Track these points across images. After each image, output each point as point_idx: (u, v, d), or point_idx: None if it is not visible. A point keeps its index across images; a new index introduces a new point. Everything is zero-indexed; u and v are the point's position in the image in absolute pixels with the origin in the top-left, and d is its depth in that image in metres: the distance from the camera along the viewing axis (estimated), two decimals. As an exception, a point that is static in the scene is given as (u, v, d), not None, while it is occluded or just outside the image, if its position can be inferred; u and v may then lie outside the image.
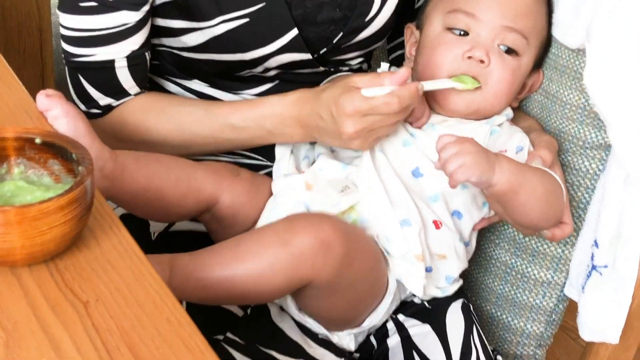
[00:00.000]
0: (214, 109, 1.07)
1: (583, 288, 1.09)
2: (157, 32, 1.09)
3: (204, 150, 1.09)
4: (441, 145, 0.94)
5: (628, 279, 1.04)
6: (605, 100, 1.02)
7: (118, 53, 1.05)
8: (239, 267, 0.91)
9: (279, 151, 1.11)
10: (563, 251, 1.14)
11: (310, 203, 1.01)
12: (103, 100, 1.07)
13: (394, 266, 1.01)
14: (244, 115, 1.06)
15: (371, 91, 0.97)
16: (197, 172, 1.03)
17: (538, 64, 1.12)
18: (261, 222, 1.04)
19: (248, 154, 1.15)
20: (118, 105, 1.08)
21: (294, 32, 1.06)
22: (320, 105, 1.00)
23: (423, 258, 1.00)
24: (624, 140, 1.02)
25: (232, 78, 1.12)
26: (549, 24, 1.11)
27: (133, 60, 1.06)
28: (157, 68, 1.15)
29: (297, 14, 1.06)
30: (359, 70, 1.21)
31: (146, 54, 1.08)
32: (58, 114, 0.88)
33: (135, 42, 1.05)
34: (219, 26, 1.04)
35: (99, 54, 1.04)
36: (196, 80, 1.14)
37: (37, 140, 0.76)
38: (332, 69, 1.16)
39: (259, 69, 1.09)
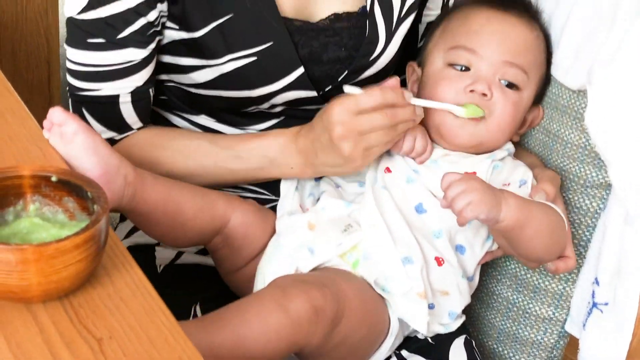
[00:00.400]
0: (218, 140, 1.09)
1: (584, 325, 1.10)
2: (166, 68, 1.11)
3: (207, 182, 1.11)
4: (447, 184, 0.95)
5: (628, 317, 1.05)
6: (606, 141, 1.04)
7: (123, 89, 1.06)
8: (246, 332, 0.89)
9: (284, 187, 1.13)
10: (564, 288, 1.15)
11: (313, 244, 1.02)
12: (105, 133, 1.09)
13: (396, 305, 1.02)
14: (247, 145, 1.08)
15: (353, 88, 0.99)
16: (209, 192, 1.05)
17: (538, 99, 1.14)
18: (264, 262, 1.05)
19: (253, 188, 1.17)
20: (120, 139, 1.10)
21: (300, 70, 1.08)
22: (314, 122, 1.02)
23: (425, 295, 1.01)
24: (624, 180, 1.04)
25: (238, 114, 1.14)
26: (548, 61, 1.13)
27: (137, 96, 1.08)
28: (164, 103, 1.17)
29: (303, 53, 1.08)
30: None
31: (150, 90, 1.10)
32: (75, 129, 0.89)
33: (140, 78, 1.07)
34: (227, 64, 1.06)
35: (104, 89, 1.06)
36: (203, 115, 1.16)
37: (53, 178, 0.77)
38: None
39: (265, 105, 1.11)
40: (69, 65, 1.06)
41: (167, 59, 1.10)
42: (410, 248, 1.02)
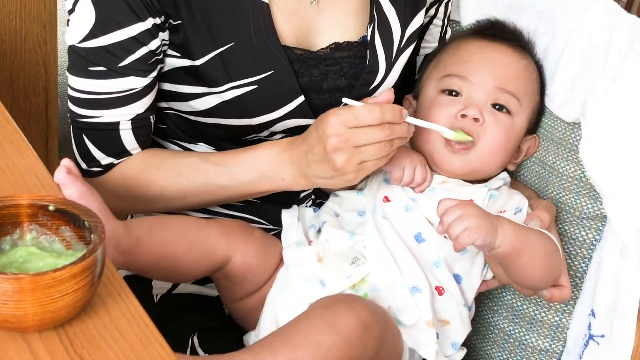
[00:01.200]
0: (209, 157, 1.09)
1: (580, 357, 1.10)
2: (166, 96, 1.12)
3: (199, 201, 1.10)
4: (442, 209, 0.96)
5: (625, 349, 1.05)
6: (601, 174, 1.05)
7: (123, 116, 1.07)
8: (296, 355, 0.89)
9: (286, 218, 1.13)
10: (561, 319, 1.15)
11: (323, 276, 1.02)
12: (105, 160, 1.09)
13: (406, 335, 1.02)
14: (237, 159, 1.08)
15: (352, 102, 0.99)
16: (210, 232, 1.04)
17: (532, 129, 1.15)
18: (275, 294, 1.05)
19: (251, 217, 1.17)
20: (118, 163, 1.11)
21: (301, 99, 1.08)
22: (308, 133, 1.02)
23: (434, 324, 1.01)
24: (619, 212, 1.04)
25: (238, 142, 1.14)
26: (542, 91, 1.15)
27: (137, 123, 1.08)
28: (162, 131, 1.17)
29: (303, 82, 1.09)
30: None
31: (151, 117, 1.10)
32: (72, 194, 0.89)
33: (141, 106, 1.07)
34: (228, 92, 1.07)
35: (105, 116, 1.06)
36: (202, 144, 1.16)
37: (51, 207, 0.77)
38: None
39: (265, 133, 1.11)
40: (70, 92, 1.07)
41: (167, 86, 1.10)
42: (416, 277, 1.02)
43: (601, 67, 1.06)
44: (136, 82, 1.05)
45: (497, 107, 1.09)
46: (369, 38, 1.12)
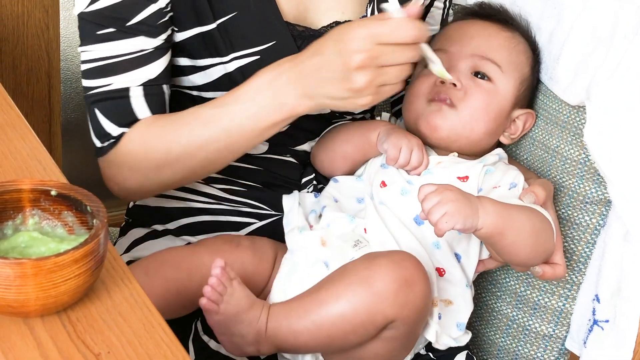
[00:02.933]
0: (206, 104, 1.03)
1: (585, 342, 1.10)
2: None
3: (206, 155, 1.02)
4: (422, 196, 0.96)
5: (629, 335, 1.04)
6: (606, 158, 1.04)
7: (134, 81, 1.03)
8: (320, 311, 0.93)
9: (286, 204, 1.13)
10: (564, 305, 1.15)
11: (328, 259, 1.02)
12: (116, 131, 1.05)
13: None
14: (234, 94, 1.00)
15: (394, 4, 0.88)
16: (202, 257, 1.04)
17: (525, 103, 1.15)
18: (282, 279, 1.05)
19: (252, 202, 1.16)
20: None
21: None
22: (320, 47, 0.92)
23: (436, 303, 1.02)
24: (624, 197, 1.04)
25: None
26: (534, 65, 1.15)
27: (149, 90, 1.05)
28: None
29: None
30: (362, 119, 1.23)
31: (164, 87, 1.06)
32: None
33: (152, 70, 1.04)
34: (231, 63, 1.06)
35: (115, 82, 1.03)
36: None
37: (53, 192, 0.77)
38: (337, 114, 1.18)
39: None
40: (82, 66, 1.05)
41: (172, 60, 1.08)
42: (421, 258, 1.02)
43: (606, 51, 1.05)
44: (146, 43, 1.03)
45: (478, 75, 1.11)
46: (368, 16, 1.11)
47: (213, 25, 1.04)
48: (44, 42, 1.61)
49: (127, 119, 1.05)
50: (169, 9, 1.03)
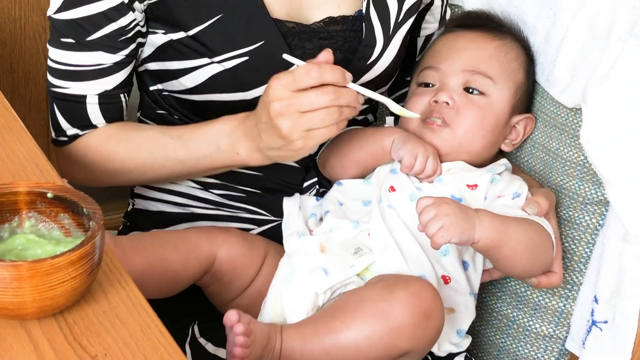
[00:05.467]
0: (170, 130, 1.10)
1: (584, 343, 1.10)
2: (157, 77, 1.12)
3: (159, 175, 1.11)
4: (420, 209, 0.96)
5: (627, 336, 1.04)
6: (602, 160, 1.04)
7: (91, 90, 1.08)
8: (336, 341, 0.92)
9: (287, 207, 1.13)
10: (565, 305, 1.14)
11: (327, 266, 1.01)
12: (70, 130, 1.11)
13: None
14: (195, 132, 1.07)
15: (293, 59, 0.98)
16: (189, 234, 1.05)
17: (523, 108, 1.15)
18: (280, 283, 1.04)
19: (251, 208, 1.16)
20: (83, 134, 1.12)
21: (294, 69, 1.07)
22: (258, 102, 0.99)
23: None
24: (621, 198, 1.04)
25: None
26: (529, 68, 1.15)
27: (104, 99, 1.10)
28: (162, 117, 1.16)
29: (296, 55, 1.07)
30: (364, 121, 1.23)
31: (121, 95, 1.11)
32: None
33: (109, 82, 1.08)
34: (219, 64, 1.06)
35: (73, 88, 1.08)
36: None
37: (49, 195, 0.77)
38: None
39: None
40: (48, 62, 1.09)
41: (155, 65, 1.11)
42: (423, 266, 1.02)
43: (602, 52, 1.05)
44: (104, 58, 1.06)
45: (470, 90, 1.11)
46: (364, 12, 1.11)
47: (195, 30, 1.05)
48: (41, 46, 1.61)
49: (81, 122, 1.10)
50: (132, 26, 1.05)
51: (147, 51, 1.10)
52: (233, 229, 1.10)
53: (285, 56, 0.99)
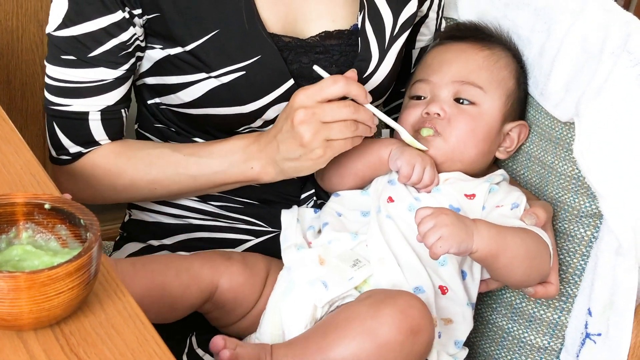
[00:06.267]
0: (181, 148, 1.11)
1: (577, 355, 1.10)
2: (155, 91, 1.12)
3: (169, 191, 1.11)
4: (419, 219, 0.97)
5: (621, 348, 1.04)
6: (595, 173, 1.05)
7: (93, 106, 1.09)
8: (326, 358, 0.92)
9: (285, 219, 1.13)
10: (559, 317, 1.15)
11: (326, 279, 1.01)
12: (73, 148, 1.11)
13: None
14: (209, 149, 1.09)
15: (321, 70, 1.03)
16: (193, 262, 1.04)
17: (516, 115, 1.16)
18: (278, 296, 1.04)
19: (249, 219, 1.16)
20: (87, 152, 1.12)
21: (290, 82, 1.08)
22: (278, 117, 1.04)
23: (436, 323, 1.02)
24: (615, 212, 1.04)
25: (232, 135, 1.13)
26: (519, 76, 1.16)
27: (107, 114, 1.10)
28: (159, 131, 1.17)
29: (292, 69, 1.09)
30: None
31: (122, 110, 1.11)
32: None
33: (111, 98, 1.09)
34: (216, 79, 1.07)
35: (75, 105, 1.08)
36: (198, 140, 1.16)
37: (47, 206, 0.77)
38: None
39: (258, 122, 1.11)
40: (46, 79, 1.09)
41: (153, 80, 1.11)
42: (420, 277, 1.03)
43: (595, 66, 1.06)
44: (106, 74, 1.07)
45: (460, 100, 1.12)
46: (359, 26, 1.12)
47: (192, 46, 1.06)
48: (39, 57, 1.61)
49: (84, 139, 1.11)
50: (132, 41, 1.06)
51: (145, 66, 1.11)
52: (234, 254, 1.09)
53: (316, 68, 1.03)
